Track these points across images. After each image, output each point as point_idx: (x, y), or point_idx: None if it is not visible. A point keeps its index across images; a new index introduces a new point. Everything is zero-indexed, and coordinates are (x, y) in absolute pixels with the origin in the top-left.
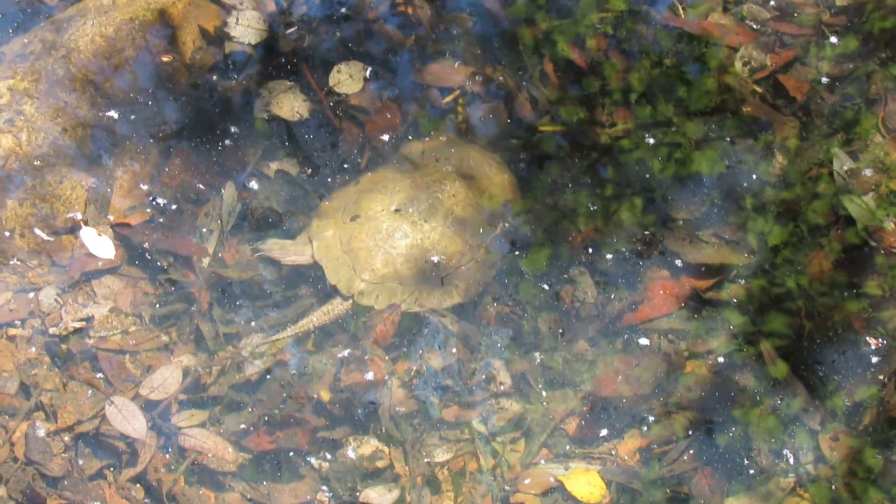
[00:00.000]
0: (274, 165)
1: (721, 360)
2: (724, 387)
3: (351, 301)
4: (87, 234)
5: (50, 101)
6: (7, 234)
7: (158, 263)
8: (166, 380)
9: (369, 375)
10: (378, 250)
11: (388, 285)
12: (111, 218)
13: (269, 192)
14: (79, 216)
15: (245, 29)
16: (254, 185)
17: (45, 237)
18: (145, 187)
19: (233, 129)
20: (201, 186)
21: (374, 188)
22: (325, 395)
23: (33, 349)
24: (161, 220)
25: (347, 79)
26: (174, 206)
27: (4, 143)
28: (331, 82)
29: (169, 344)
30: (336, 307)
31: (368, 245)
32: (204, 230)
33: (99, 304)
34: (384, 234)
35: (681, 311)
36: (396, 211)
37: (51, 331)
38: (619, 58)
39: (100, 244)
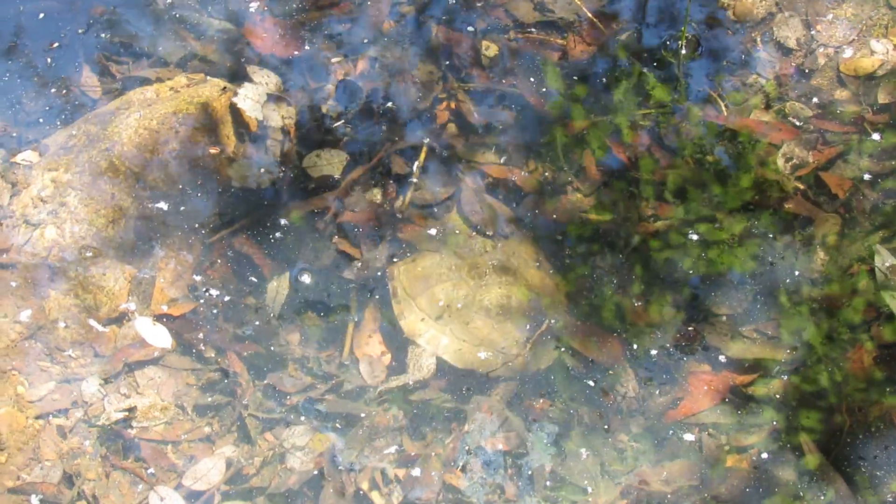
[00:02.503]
0: (323, 258)
1: (763, 455)
2: (765, 482)
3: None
4: (142, 324)
5: (93, 193)
6: (51, 324)
7: (202, 354)
8: (210, 470)
9: (416, 472)
10: (492, 323)
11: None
12: (164, 308)
13: (315, 284)
14: (133, 307)
15: (253, 104)
16: (305, 278)
17: (101, 328)
18: (188, 278)
19: (282, 222)
20: (247, 278)
21: (425, 289)
22: (373, 492)
23: (76, 439)
24: (204, 311)
25: (326, 164)
26: (218, 297)
27: (48, 234)
28: (305, 164)
29: (211, 434)
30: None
31: (482, 318)
32: (249, 322)
33: (141, 395)
34: (477, 306)
35: (722, 405)
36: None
37: (94, 421)
38: (662, 153)
39: (155, 333)
